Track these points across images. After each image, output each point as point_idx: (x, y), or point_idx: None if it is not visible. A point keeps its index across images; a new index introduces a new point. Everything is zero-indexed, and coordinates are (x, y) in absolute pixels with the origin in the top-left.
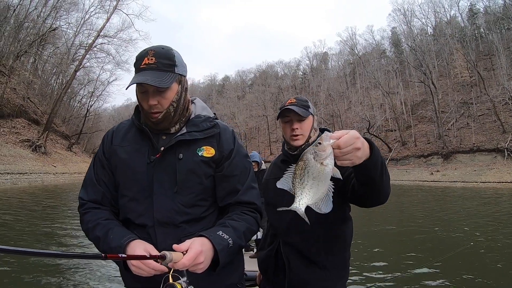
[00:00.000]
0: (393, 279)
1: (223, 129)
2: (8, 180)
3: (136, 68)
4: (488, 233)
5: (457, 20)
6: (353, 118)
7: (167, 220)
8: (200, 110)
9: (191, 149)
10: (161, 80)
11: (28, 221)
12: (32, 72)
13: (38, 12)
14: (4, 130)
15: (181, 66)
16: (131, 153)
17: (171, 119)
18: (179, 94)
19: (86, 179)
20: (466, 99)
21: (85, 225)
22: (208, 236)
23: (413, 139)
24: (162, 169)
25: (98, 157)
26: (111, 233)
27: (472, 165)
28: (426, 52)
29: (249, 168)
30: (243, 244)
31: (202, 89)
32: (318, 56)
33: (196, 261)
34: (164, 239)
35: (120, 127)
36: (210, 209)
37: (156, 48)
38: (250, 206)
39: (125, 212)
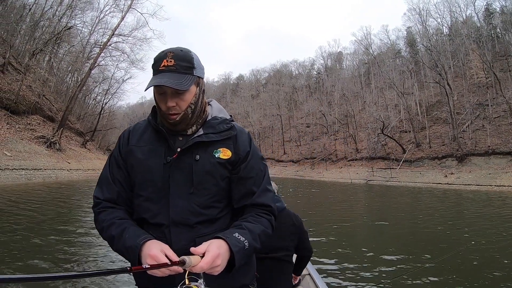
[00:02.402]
0: (394, 281)
1: (240, 132)
2: (23, 175)
3: (155, 70)
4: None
5: (473, 20)
6: (367, 119)
7: (182, 221)
8: (216, 112)
9: (208, 151)
10: (180, 82)
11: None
12: (47, 70)
13: (54, 11)
14: (19, 126)
15: (199, 68)
16: (147, 153)
17: (189, 120)
18: (197, 96)
19: (102, 177)
20: (482, 100)
21: (99, 224)
22: (225, 238)
23: (428, 141)
24: (179, 170)
25: (114, 156)
26: (126, 233)
27: (487, 168)
28: (441, 53)
29: (264, 171)
30: (258, 246)
31: (217, 87)
32: (333, 55)
33: (214, 264)
34: (178, 239)
35: (136, 127)
36: (225, 210)
37: (175, 50)
38: (265, 209)
39: (140, 212)
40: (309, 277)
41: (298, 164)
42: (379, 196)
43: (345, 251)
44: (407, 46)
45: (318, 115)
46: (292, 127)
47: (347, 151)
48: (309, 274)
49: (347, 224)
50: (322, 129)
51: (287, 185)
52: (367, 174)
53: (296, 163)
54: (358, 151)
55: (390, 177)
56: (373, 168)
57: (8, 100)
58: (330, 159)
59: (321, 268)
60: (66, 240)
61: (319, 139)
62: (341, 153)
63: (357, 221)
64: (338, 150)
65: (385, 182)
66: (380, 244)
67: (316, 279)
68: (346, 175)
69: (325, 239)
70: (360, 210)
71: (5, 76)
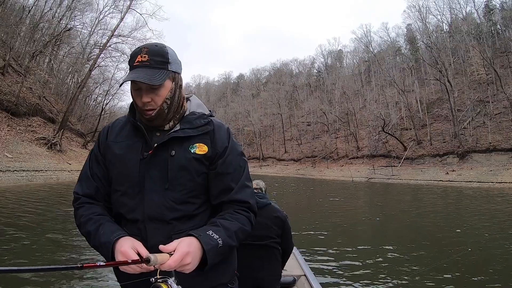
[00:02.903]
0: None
1: (218, 126)
2: (24, 177)
3: (130, 66)
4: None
5: (473, 17)
6: (368, 117)
7: (157, 216)
8: (195, 107)
9: (184, 146)
10: (153, 77)
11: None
12: (47, 71)
13: (53, 12)
14: (20, 128)
15: (175, 64)
16: (125, 148)
17: (165, 116)
18: (172, 91)
19: (82, 173)
20: (483, 97)
21: (78, 220)
22: (196, 235)
23: (429, 138)
24: (154, 165)
25: (94, 152)
26: (102, 229)
27: (488, 165)
28: (441, 49)
29: (243, 166)
30: (234, 244)
31: (217, 87)
32: (333, 53)
33: (183, 262)
34: (154, 235)
35: (115, 123)
36: (203, 206)
37: (149, 46)
38: (244, 205)
39: (117, 207)
40: (304, 278)
41: (299, 162)
42: (380, 194)
43: (343, 250)
44: (407, 44)
45: (319, 114)
46: (293, 126)
47: (348, 149)
48: (305, 275)
49: (346, 223)
50: (323, 127)
51: (288, 184)
52: (368, 172)
53: (297, 162)
54: (359, 149)
55: (392, 175)
56: (374, 166)
57: (9, 102)
58: (331, 157)
59: (318, 267)
60: (66, 238)
61: (320, 137)
62: (342, 151)
63: (357, 220)
64: (339, 148)
65: (386, 180)
66: (380, 243)
67: (311, 280)
68: (347, 173)
69: (323, 237)
70: (360, 208)
71: (5, 78)
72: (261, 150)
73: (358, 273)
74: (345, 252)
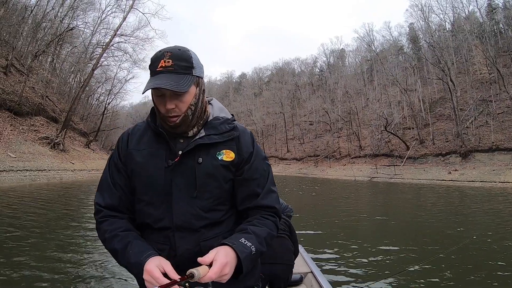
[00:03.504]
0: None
1: (242, 132)
2: (27, 176)
3: (152, 71)
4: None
5: (475, 16)
6: (370, 116)
7: (185, 225)
8: (218, 112)
9: (211, 153)
10: (179, 84)
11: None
12: (50, 71)
13: (56, 12)
14: (23, 128)
15: (198, 68)
16: (147, 156)
17: (189, 122)
18: (197, 97)
19: (102, 182)
20: (485, 96)
21: (102, 235)
22: (231, 244)
23: (431, 137)
24: (181, 174)
25: (113, 160)
26: (130, 248)
27: (491, 165)
28: (444, 49)
29: (268, 171)
30: (265, 250)
31: (219, 86)
32: (335, 53)
33: (222, 273)
34: (182, 243)
35: (135, 130)
36: (228, 212)
37: (172, 50)
38: (270, 210)
39: (142, 217)
40: (311, 275)
41: (302, 162)
42: (383, 193)
43: (348, 247)
44: (409, 43)
45: (321, 113)
46: (295, 125)
47: (351, 148)
48: (312, 272)
49: (350, 221)
50: (325, 126)
51: (291, 183)
52: (370, 171)
53: (300, 161)
54: (362, 148)
55: (394, 174)
56: (377, 165)
57: (12, 101)
58: (333, 156)
59: (325, 264)
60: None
61: (322, 136)
62: (344, 150)
63: (361, 218)
64: (341, 147)
65: (388, 179)
66: (385, 240)
67: (318, 276)
68: (350, 173)
69: (328, 235)
70: (363, 207)
71: (8, 78)
72: (264, 149)
73: (365, 269)
74: (350, 250)
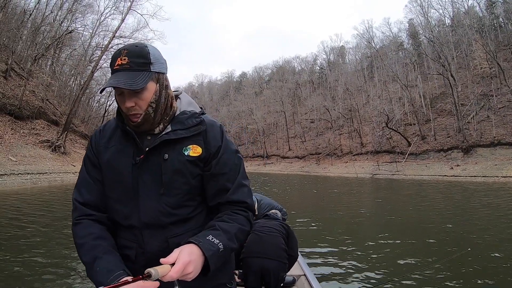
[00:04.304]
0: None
1: (210, 125)
2: (28, 180)
3: (111, 70)
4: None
5: (475, 10)
6: (371, 112)
7: (153, 222)
8: (185, 106)
9: (177, 149)
10: (133, 81)
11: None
12: (50, 74)
13: (54, 15)
14: (24, 131)
15: (158, 63)
16: (115, 154)
17: (152, 120)
18: (157, 94)
19: (79, 179)
20: (486, 91)
21: (74, 239)
22: (197, 242)
23: (433, 133)
24: (147, 170)
25: (88, 157)
26: (97, 264)
27: (493, 159)
28: (444, 44)
29: (239, 165)
30: (235, 246)
31: (220, 86)
32: (335, 50)
33: (185, 272)
34: (150, 240)
35: (106, 127)
36: (198, 208)
37: (129, 47)
38: (241, 205)
39: (111, 214)
40: (304, 278)
41: (304, 160)
42: (385, 190)
43: (343, 249)
44: (409, 39)
45: (322, 110)
46: (296, 123)
47: (352, 145)
48: (305, 275)
49: (348, 220)
50: (327, 124)
51: (292, 182)
52: (372, 168)
53: (302, 159)
54: (363, 145)
55: (396, 171)
56: (379, 162)
57: (12, 105)
58: (335, 154)
59: (318, 266)
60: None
61: (323, 134)
62: (346, 147)
63: (359, 217)
64: (343, 145)
65: (391, 175)
66: (381, 241)
67: (311, 280)
68: (352, 170)
69: (324, 235)
70: (363, 205)
71: (8, 82)
72: (265, 148)
73: (358, 272)
74: (345, 251)
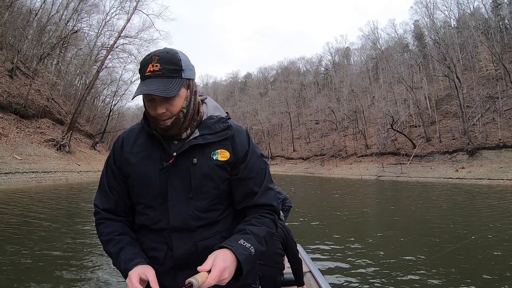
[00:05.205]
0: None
1: (237, 130)
2: (33, 178)
3: (141, 76)
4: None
5: (480, 12)
6: (376, 114)
7: (182, 226)
8: (212, 111)
9: (205, 153)
10: (167, 88)
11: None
12: (55, 73)
13: (60, 15)
14: (29, 130)
15: (188, 70)
16: (142, 159)
17: (181, 125)
18: (188, 100)
19: (100, 185)
20: (492, 93)
21: (99, 236)
22: (230, 247)
23: (438, 135)
24: (176, 175)
25: (109, 165)
26: (123, 253)
27: (498, 162)
28: (449, 45)
29: (264, 169)
30: (264, 249)
31: (225, 86)
32: (340, 51)
33: (221, 277)
34: (179, 243)
35: (130, 133)
36: (226, 211)
37: (160, 53)
38: (268, 208)
39: (141, 219)
40: (310, 275)
41: (308, 161)
42: (389, 192)
43: (348, 246)
44: (415, 40)
45: (327, 112)
46: (301, 124)
47: (357, 147)
48: (310, 271)
49: (352, 219)
50: (331, 125)
51: (296, 183)
52: (377, 170)
53: (306, 160)
54: (368, 147)
55: (401, 173)
56: (383, 163)
57: (17, 104)
58: (340, 155)
59: (323, 263)
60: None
61: (328, 135)
62: (350, 149)
63: (363, 216)
64: (347, 146)
65: (395, 177)
66: (386, 239)
67: (317, 276)
68: (356, 171)
69: (328, 233)
70: (367, 206)
71: (13, 81)
72: (270, 149)
73: (363, 269)
74: (350, 248)
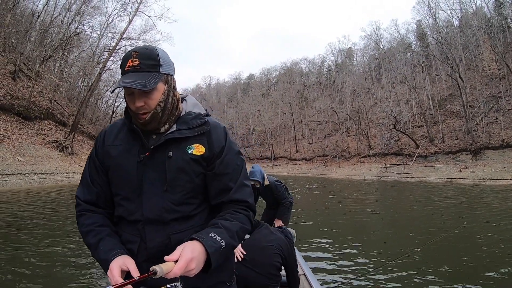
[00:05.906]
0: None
1: (214, 126)
2: (35, 179)
3: (122, 71)
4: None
5: (483, 11)
6: (379, 114)
7: (156, 218)
8: (191, 107)
9: (181, 147)
10: (145, 82)
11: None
12: (58, 75)
13: (63, 17)
14: (32, 132)
15: (167, 65)
16: (122, 152)
17: (159, 119)
18: (166, 94)
19: (82, 178)
20: (495, 92)
21: (80, 228)
22: (199, 239)
23: (441, 135)
24: (152, 168)
25: (92, 158)
26: (102, 244)
27: (502, 162)
28: (452, 45)
29: (241, 165)
30: (236, 244)
31: (227, 87)
32: (343, 52)
33: (187, 268)
34: (153, 236)
35: (112, 128)
36: (201, 206)
37: (139, 49)
38: (243, 204)
39: (118, 210)
40: (303, 277)
41: (311, 162)
42: (392, 192)
43: (343, 248)
44: (417, 40)
45: (330, 112)
46: (304, 125)
47: (360, 147)
48: (304, 274)
49: (351, 221)
50: (334, 126)
51: (299, 184)
52: (380, 170)
53: (309, 161)
54: (371, 148)
55: (404, 173)
56: (387, 164)
57: (20, 106)
58: (343, 156)
59: (317, 265)
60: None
61: (331, 136)
62: (353, 149)
63: (363, 218)
64: (350, 147)
65: (398, 178)
66: (382, 241)
67: (310, 279)
68: (359, 172)
69: (324, 236)
70: (368, 207)
71: (16, 83)
72: (273, 150)
73: (357, 271)
74: (344, 251)
